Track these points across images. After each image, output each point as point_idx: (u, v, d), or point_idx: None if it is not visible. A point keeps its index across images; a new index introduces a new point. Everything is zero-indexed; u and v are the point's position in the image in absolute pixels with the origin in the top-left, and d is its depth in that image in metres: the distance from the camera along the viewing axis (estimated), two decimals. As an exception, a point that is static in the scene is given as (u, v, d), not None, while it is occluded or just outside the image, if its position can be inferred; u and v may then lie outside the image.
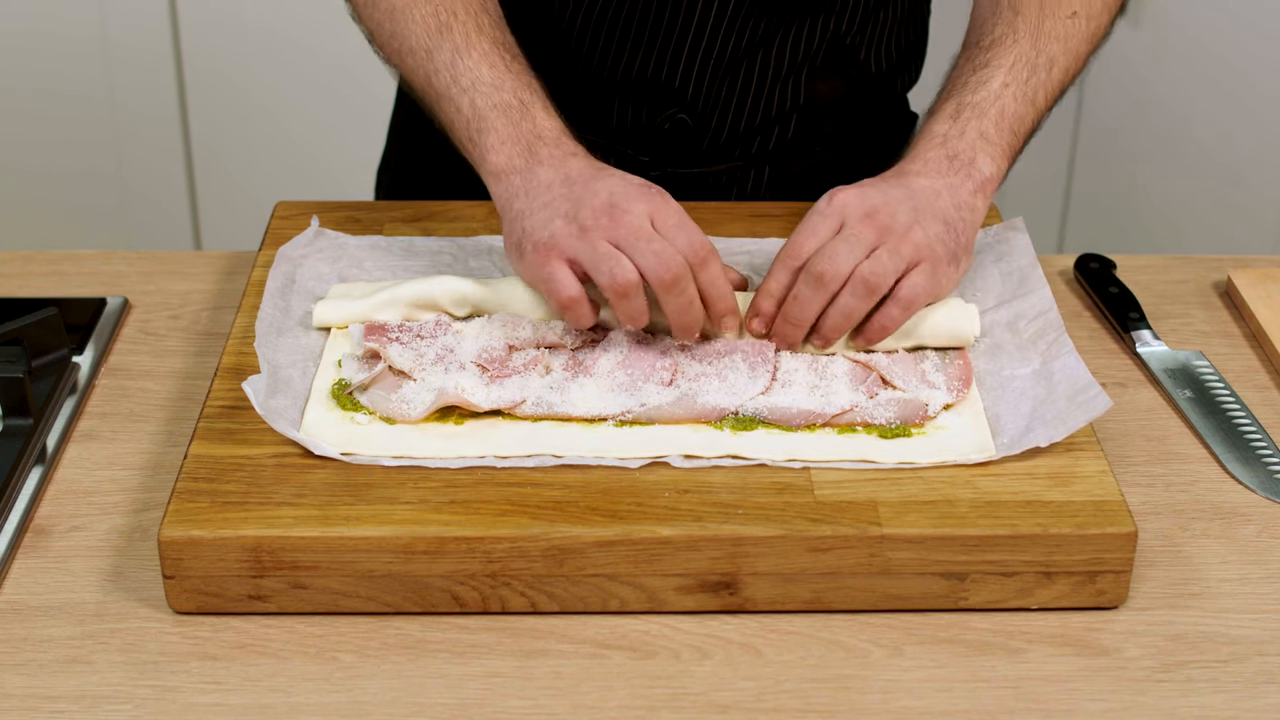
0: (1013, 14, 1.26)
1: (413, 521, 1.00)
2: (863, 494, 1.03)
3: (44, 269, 1.37)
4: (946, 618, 1.02)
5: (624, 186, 1.12)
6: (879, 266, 1.12)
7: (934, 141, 1.20)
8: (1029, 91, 1.23)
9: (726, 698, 0.96)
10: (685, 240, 1.11)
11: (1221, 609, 1.02)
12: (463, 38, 1.21)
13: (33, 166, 2.62)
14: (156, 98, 2.59)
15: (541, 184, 1.14)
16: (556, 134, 1.18)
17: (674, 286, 1.10)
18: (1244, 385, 1.24)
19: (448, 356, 1.14)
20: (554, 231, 1.11)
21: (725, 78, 1.38)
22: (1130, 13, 2.50)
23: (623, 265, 1.09)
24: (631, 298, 1.10)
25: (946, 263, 1.15)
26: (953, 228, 1.16)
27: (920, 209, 1.15)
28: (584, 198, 1.12)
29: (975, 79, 1.23)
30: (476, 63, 1.20)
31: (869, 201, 1.15)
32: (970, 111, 1.21)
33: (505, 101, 1.18)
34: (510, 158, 1.16)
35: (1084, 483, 1.04)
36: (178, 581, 1.00)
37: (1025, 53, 1.24)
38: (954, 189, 1.17)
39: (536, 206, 1.13)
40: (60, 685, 0.96)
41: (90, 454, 1.15)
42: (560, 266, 1.11)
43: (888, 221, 1.13)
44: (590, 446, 1.07)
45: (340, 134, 2.58)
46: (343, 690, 0.96)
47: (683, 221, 1.12)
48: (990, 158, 1.19)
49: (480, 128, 1.18)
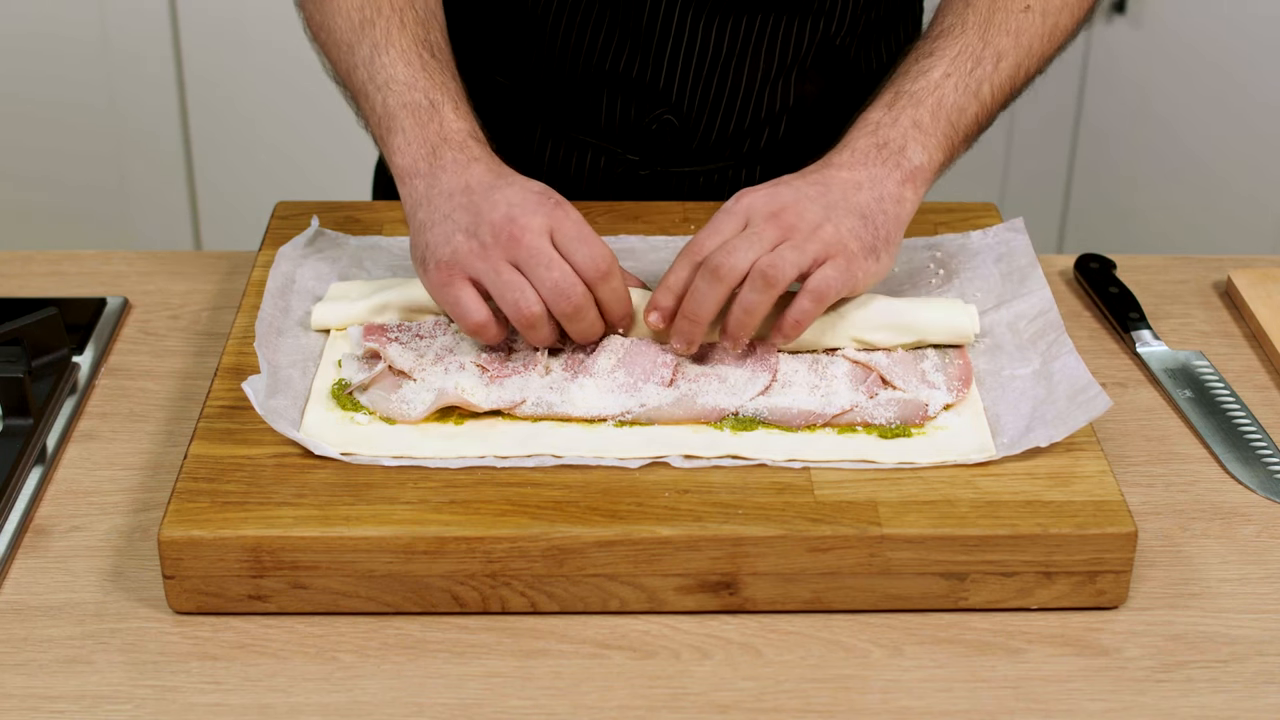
0: (964, 5, 1.25)
1: (413, 521, 1.00)
2: (863, 494, 1.03)
3: (44, 269, 1.37)
4: (946, 618, 1.02)
5: (522, 198, 1.11)
6: (778, 259, 1.09)
7: (866, 129, 1.18)
8: (972, 83, 1.20)
9: (726, 698, 0.96)
10: (585, 255, 1.10)
11: (1221, 609, 1.02)
12: (383, 34, 1.20)
13: (33, 167, 2.62)
14: (157, 98, 2.59)
15: (443, 192, 1.13)
16: (463, 137, 1.16)
17: (575, 315, 1.10)
18: (1244, 385, 1.24)
19: (447, 357, 1.14)
20: (455, 248, 1.10)
21: (712, 79, 1.38)
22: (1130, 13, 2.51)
23: (527, 297, 1.09)
24: (537, 327, 1.10)
25: (862, 256, 1.12)
26: (870, 221, 1.13)
27: (833, 205, 1.13)
28: (483, 210, 1.11)
29: (917, 68, 1.21)
30: (393, 60, 1.19)
31: (777, 200, 1.13)
32: (906, 100, 1.19)
33: (415, 101, 1.17)
34: (415, 160, 1.15)
35: (1084, 483, 1.04)
36: (178, 581, 1.00)
37: (971, 44, 1.22)
38: (877, 180, 1.15)
39: (438, 218, 1.12)
40: (60, 685, 0.96)
41: (90, 454, 1.15)
42: (465, 289, 1.10)
43: (794, 220, 1.12)
44: (590, 446, 1.07)
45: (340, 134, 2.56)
46: (343, 690, 0.96)
47: (581, 233, 1.11)
48: (922, 146, 1.17)
49: (389, 127, 1.17)
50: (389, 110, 1.17)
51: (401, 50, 1.20)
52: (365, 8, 1.22)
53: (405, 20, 1.22)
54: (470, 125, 1.18)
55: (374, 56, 1.20)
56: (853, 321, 1.16)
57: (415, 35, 1.21)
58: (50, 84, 2.57)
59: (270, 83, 2.58)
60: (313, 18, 1.27)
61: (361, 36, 1.21)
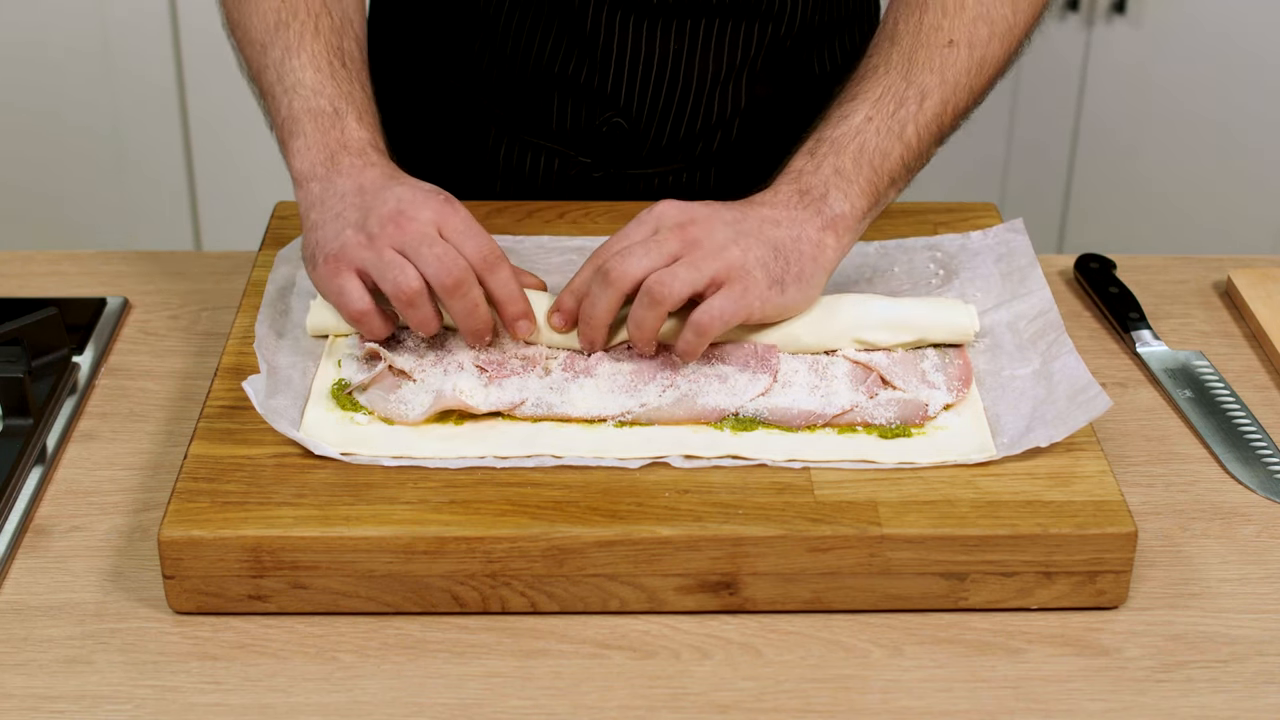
0: (889, 44, 1.22)
1: (413, 521, 1.00)
2: (863, 494, 1.03)
3: (44, 269, 1.38)
4: (946, 618, 1.02)
5: (412, 194, 1.12)
6: (669, 277, 1.08)
7: (789, 176, 1.16)
8: (895, 126, 1.18)
9: (726, 698, 0.96)
10: (473, 245, 1.10)
11: (1221, 609, 1.02)
12: (296, 38, 1.21)
13: (34, 167, 2.62)
14: (157, 98, 2.59)
15: (336, 194, 1.13)
16: (362, 144, 1.16)
17: (456, 290, 1.09)
18: (1244, 385, 1.24)
19: (447, 358, 1.14)
20: (344, 242, 1.11)
21: (661, 83, 1.37)
22: (1130, 13, 2.51)
23: (406, 273, 1.09)
24: (417, 305, 1.10)
25: (765, 285, 1.10)
26: (782, 254, 1.12)
27: (746, 232, 1.11)
28: (373, 206, 1.11)
29: (839, 113, 1.19)
30: (303, 65, 1.19)
31: (688, 214, 1.12)
32: (828, 147, 1.17)
33: (320, 108, 1.17)
34: (312, 165, 1.16)
35: (1084, 483, 1.04)
36: (178, 581, 1.00)
37: (894, 84, 1.19)
38: (797, 222, 1.13)
39: (329, 217, 1.13)
40: (60, 685, 0.96)
41: (90, 454, 1.15)
42: (350, 278, 1.11)
43: (700, 235, 1.10)
44: (590, 447, 1.07)
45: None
46: (343, 690, 0.96)
47: (470, 227, 1.11)
48: (844, 194, 1.15)
49: (292, 130, 1.18)
50: (293, 114, 1.18)
51: (312, 55, 1.20)
52: (281, 10, 1.22)
53: (320, 26, 1.22)
54: (372, 135, 1.18)
55: (285, 59, 1.20)
56: (853, 321, 1.16)
57: (328, 42, 1.21)
58: (51, 84, 2.57)
59: (270, 83, 2.58)
60: (230, 14, 1.27)
61: (275, 38, 1.21)
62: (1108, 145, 2.63)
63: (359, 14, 1.28)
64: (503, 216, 1.36)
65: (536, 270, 1.28)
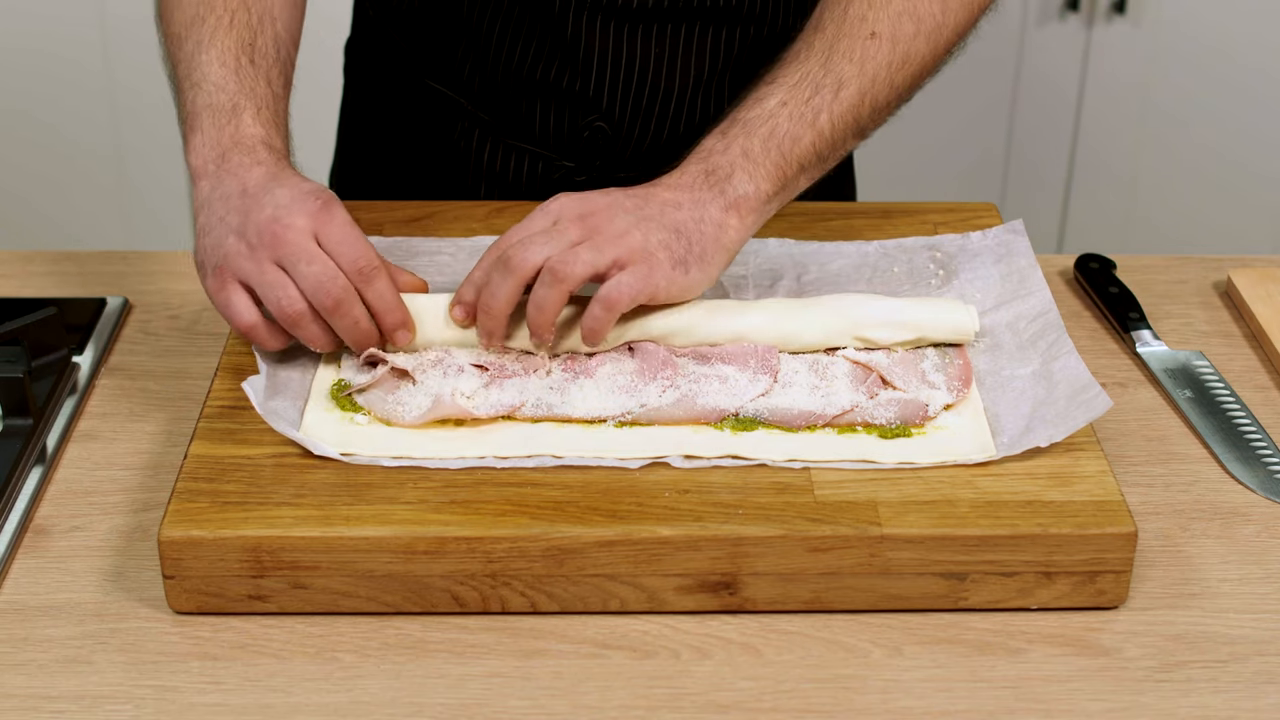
0: (813, 32, 1.22)
1: (413, 521, 1.00)
2: (863, 494, 1.03)
3: (44, 269, 1.37)
4: (946, 618, 1.02)
5: (289, 199, 1.11)
6: (570, 256, 1.08)
7: (699, 155, 1.16)
8: (809, 112, 1.17)
9: (726, 698, 0.96)
10: (349, 255, 1.10)
11: (1221, 609, 1.02)
12: (208, 33, 1.21)
13: (33, 166, 2.62)
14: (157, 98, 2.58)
15: (222, 196, 1.13)
16: (254, 142, 1.16)
17: (336, 310, 1.09)
18: (1244, 385, 1.24)
19: (447, 359, 1.14)
20: (226, 251, 1.11)
21: (643, 88, 1.37)
22: (1130, 13, 2.51)
23: (289, 294, 1.09)
24: (302, 326, 1.10)
25: (669, 265, 1.11)
26: (684, 236, 1.12)
27: (647, 218, 1.12)
28: (251, 211, 1.11)
29: (755, 95, 1.19)
30: (210, 60, 1.19)
31: (588, 205, 1.12)
32: (740, 128, 1.17)
33: (219, 104, 1.17)
34: (205, 161, 1.16)
35: (1084, 483, 1.04)
36: (178, 581, 1.00)
37: (812, 71, 1.19)
38: (699, 203, 1.13)
39: (214, 221, 1.13)
40: (60, 685, 0.96)
41: (90, 454, 1.15)
42: (236, 292, 1.11)
43: (600, 224, 1.11)
44: (590, 447, 1.07)
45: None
46: (343, 690, 0.96)
47: (346, 234, 1.10)
48: (749, 176, 1.15)
49: (192, 126, 1.17)
50: (194, 109, 1.18)
51: (220, 51, 1.20)
52: (200, 4, 1.22)
53: (234, 21, 1.22)
54: (267, 132, 1.17)
55: (195, 54, 1.20)
56: (853, 320, 1.16)
57: (240, 38, 1.21)
58: (50, 84, 2.57)
59: (270, 83, 2.58)
60: (160, 4, 1.28)
61: (190, 32, 1.21)
62: (1107, 145, 2.63)
63: (285, 9, 1.27)
64: (502, 217, 1.36)
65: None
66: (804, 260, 1.29)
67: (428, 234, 1.33)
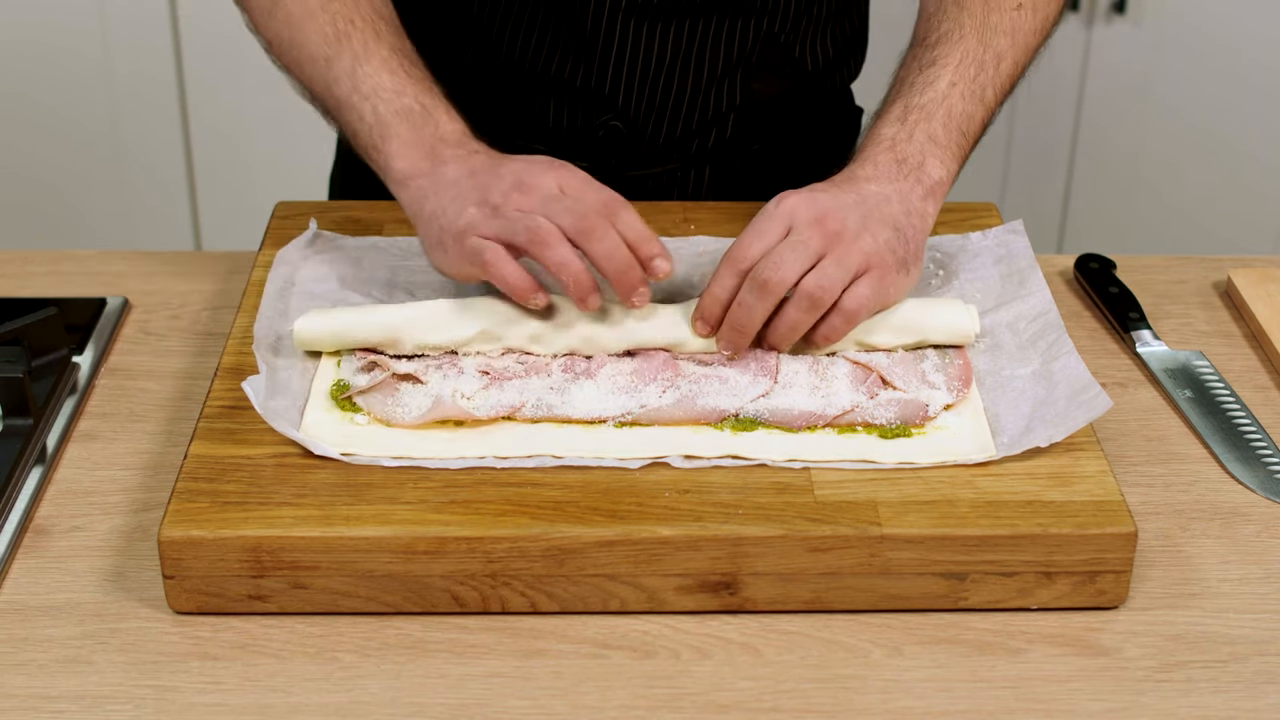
0: (957, 9, 1.24)
1: (413, 521, 1.00)
2: (863, 494, 1.03)
3: (44, 269, 1.37)
4: (946, 618, 1.02)
5: (528, 165, 1.13)
6: (825, 280, 1.10)
7: (882, 145, 1.18)
8: (977, 89, 1.21)
9: (726, 698, 0.96)
10: (595, 196, 1.11)
11: (1221, 609, 1.02)
12: (361, 45, 1.21)
13: (33, 166, 2.62)
14: (157, 97, 2.59)
15: (449, 182, 1.14)
16: (459, 136, 1.17)
17: (593, 233, 1.09)
18: (1244, 385, 1.24)
19: (446, 362, 1.13)
20: (470, 218, 1.11)
21: (658, 83, 1.37)
22: (1130, 13, 2.51)
23: (535, 219, 1.10)
24: (552, 244, 1.09)
25: (895, 270, 1.13)
26: (902, 234, 1.14)
27: (869, 214, 1.13)
28: (490, 183, 1.12)
29: (922, 79, 1.21)
30: (376, 69, 1.20)
31: (818, 206, 1.13)
32: (918, 114, 1.19)
33: (407, 107, 1.18)
34: (415, 162, 1.16)
35: (1084, 483, 1.04)
36: (178, 581, 1.00)
37: (972, 49, 1.22)
38: (904, 194, 1.15)
39: (446, 202, 1.13)
40: (60, 685, 0.96)
41: (90, 454, 1.15)
42: (483, 242, 1.11)
43: (836, 227, 1.12)
44: (590, 447, 1.07)
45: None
46: (343, 690, 0.96)
47: (591, 183, 1.12)
48: (939, 161, 1.17)
49: (383, 134, 1.17)
50: (380, 118, 1.18)
51: (383, 59, 1.20)
52: (338, 21, 1.22)
53: (380, 31, 1.22)
54: (464, 127, 1.19)
55: (355, 67, 1.20)
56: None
57: (392, 45, 1.22)
58: (50, 84, 2.57)
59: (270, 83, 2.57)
60: (281, 36, 1.26)
61: (340, 50, 1.21)
62: (1107, 145, 2.63)
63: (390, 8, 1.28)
64: (503, 216, 1.36)
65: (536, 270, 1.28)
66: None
67: (428, 234, 1.33)
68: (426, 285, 1.25)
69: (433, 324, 1.14)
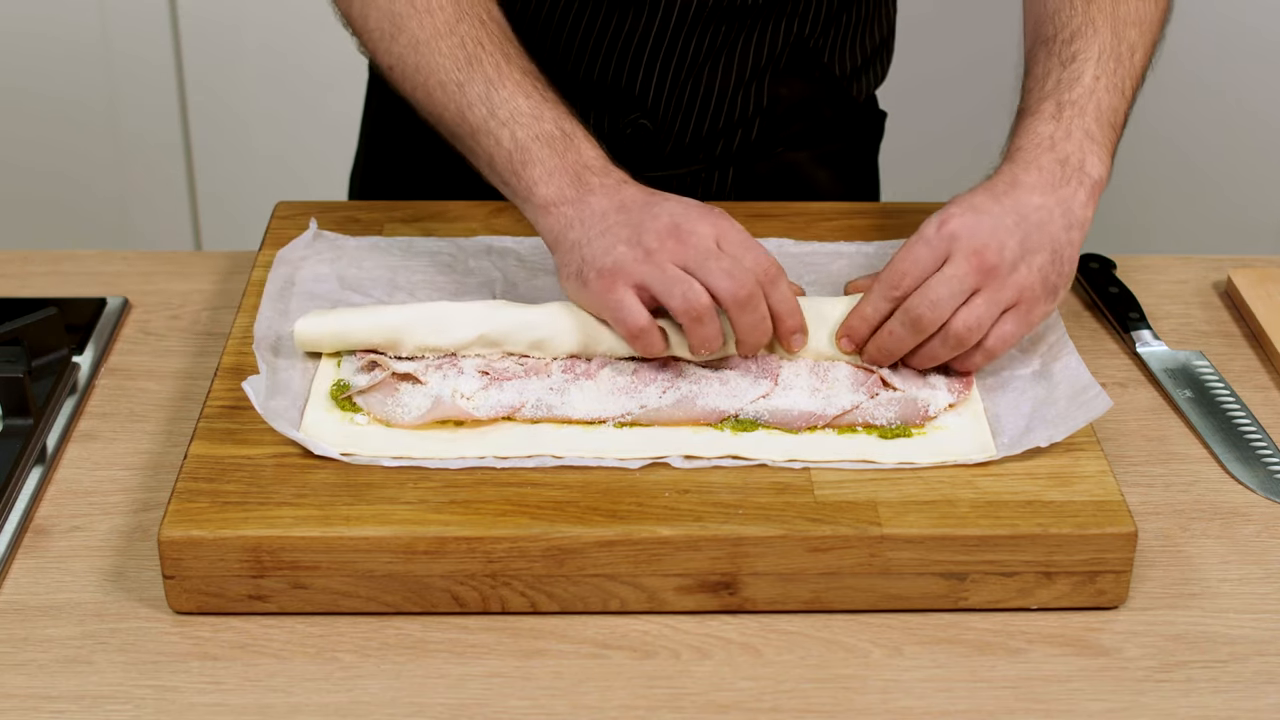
0: (1085, 3, 1.23)
1: (413, 521, 1.00)
2: (863, 494, 1.03)
3: (44, 269, 1.37)
4: (946, 618, 1.02)
5: (684, 209, 1.10)
6: (973, 320, 1.09)
7: (1043, 145, 1.17)
8: (1118, 82, 1.21)
9: (726, 698, 0.96)
10: (753, 259, 1.09)
11: (1221, 609, 1.02)
12: (494, 69, 1.17)
13: (33, 166, 2.62)
14: (157, 98, 2.59)
15: (596, 212, 1.11)
16: (603, 163, 1.15)
17: (748, 303, 1.08)
18: (1244, 385, 1.24)
19: (446, 363, 1.13)
20: (618, 257, 1.09)
21: (686, 83, 1.37)
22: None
23: (694, 288, 1.07)
24: (705, 321, 1.08)
25: (1044, 300, 1.12)
26: (1058, 256, 1.12)
27: (1028, 238, 1.11)
28: (644, 222, 1.09)
29: (1067, 75, 1.20)
30: (511, 94, 1.16)
31: (979, 236, 1.11)
32: (1071, 110, 1.18)
33: (547, 132, 1.15)
34: (560, 189, 1.13)
35: (1084, 483, 1.04)
36: (178, 581, 1.00)
37: (1108, 42, 1.21)
38: (1067, 203, 1.14)
39: (594, 234, 1.10)
40: (60, 685, 0.96)
41: (90, 454, 1.15)
42: (628, 293, 1.09)
43: (994, 260, 1.10)
44: (590, 447, 1.07)
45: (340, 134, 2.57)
46: (343, 690, 0.96)
47: (748, 240, 1.10)
48: (1098, 157, 1.17)
49: (524, 160, 1.14)
50: (520, 144, 1.14)
51: (517, 83, 1.17)
52: (467, 43, 1.18)
53: (509, 54, 1.19)
54: (605, 152, 1.16)
55: (490, 92, 1.16)
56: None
57: (523, 68, 1.18)
58: (50, 84, 2.57)
59: (270, 83, 2.58)
60: (406, 60, 1.20)
61: (471, 74, 1.17)
62: (1107, 145, 2.62)
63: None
64: (502, 217, 1.36)
65: (536, 270, 1.28)
66: (804, 261, 1.29)
67: (428, 234, 1.33)
68: (427, 285, 1.25)
69: (433, 325, 1.14)
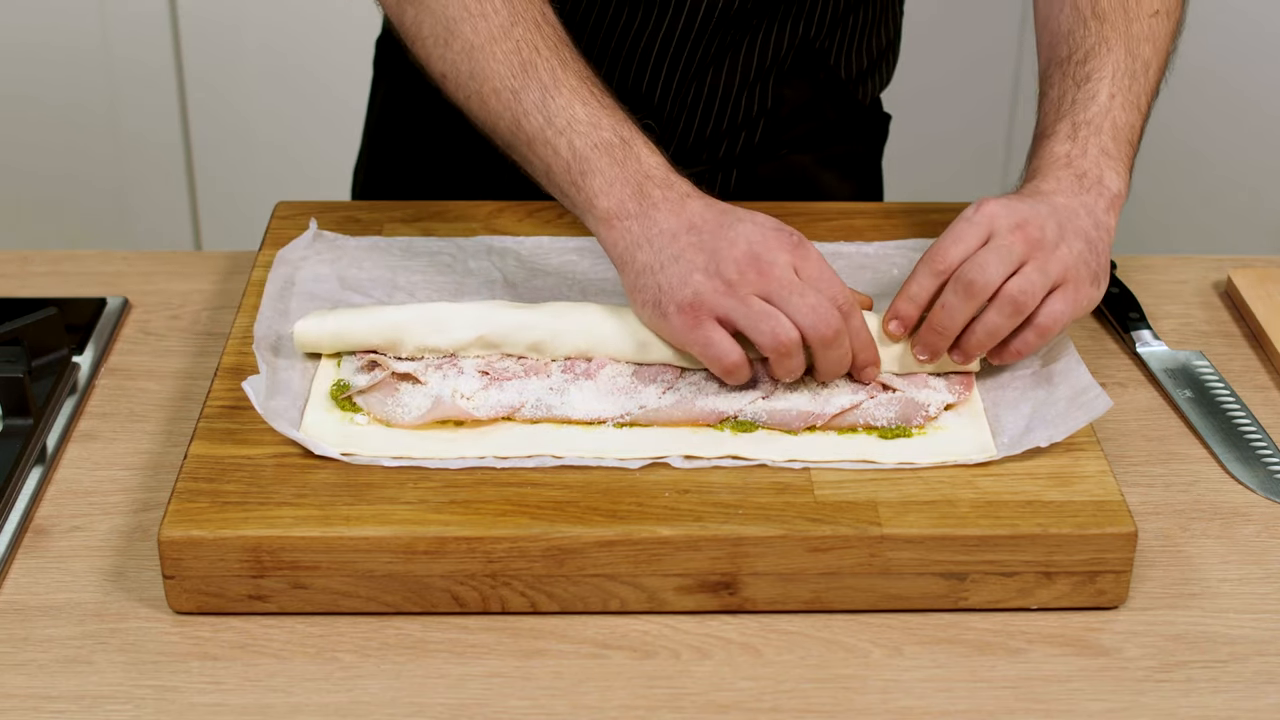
0: (1098, 22, 1.24)
1: (413, 521, 1.00)
2: (863, 494, 1.03)
3: (44, 269, 1.38)
4: (946, 618, 1.02)
5: (760, 234, 1.09)
6: (1028, 285, 1.09)
7: (1060, 163, 1.17)
8: (1133, 98, 1.21)
9: (726, 698, 0.96)
10: (830, 289, 1.08)
11: (1221, 609, 1.02)
12: (549, 75, 1.14)
13: (33, 166, 2.62)
14: (157, 98, 2.59)
15: (665, 232, 1.09)
16: (665, 172, 1.12)
17: (834, 340, 1.08)
18: (1244, 385, 1.24)
19: (446, 363, 1.13)
20: (697, 288, 1.08)
21: (692, 84, 1.37)
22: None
23: (782, 324, 1.06)
24: (793, 356, 1.08)
25: (1089, 283, 1.12)
26: (1094, 246, 1.13)
27: (1064, 225, 1.12)
28: (721, 249, 1.08)
29: (1082, 95, 1.20)
30: (568, 101, 1.13)
31: (1017, 214, 1.11)
32: (1086, 129, 1.18)
33: (606, 140, 1.12)
34: (621, 201, 1.11)
35: (1084, 483, 1.04)
36: (178, 581, 1.00)
37: (1122, 60, 1.22)
38: (1090, 207, 1.15)
39: (667, 259, 1.09)
40: (60, 685, 0.96)
41: (90, 454, 1.15)
42: (714, 328, 1.08)
43: (1037, 235, 1.10)
44: (590, 447, 1.07)
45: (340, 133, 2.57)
46: (343, 690, 0.96)
47: (824, 269, 1.09)
48: (1116, 173, 1.17)
49: (583, 170, 1.12)
50: (578, 153, 1.12)
51: (573, 89, 1.14)
52: (522, 49, 1.15)
53: (565, 58, 1.16)
54: (666, 160, 1.14)
55: (546, 99, 1.13)
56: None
57: (579, 73, 1.16)
58: (51, 84, 2.57)
59: (270, 83, 2.58)
60: (459, 67, 1.18)
61: (527, 80, 1.14)
62: (1107, 145, 2.62)
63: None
64: (502, 217, 1.36)
65: (537, 270, 1.28)
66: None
67: (428, 234, 1.33)
68: (427, 285, 1.25)
69: (433, 326, 1.14)
